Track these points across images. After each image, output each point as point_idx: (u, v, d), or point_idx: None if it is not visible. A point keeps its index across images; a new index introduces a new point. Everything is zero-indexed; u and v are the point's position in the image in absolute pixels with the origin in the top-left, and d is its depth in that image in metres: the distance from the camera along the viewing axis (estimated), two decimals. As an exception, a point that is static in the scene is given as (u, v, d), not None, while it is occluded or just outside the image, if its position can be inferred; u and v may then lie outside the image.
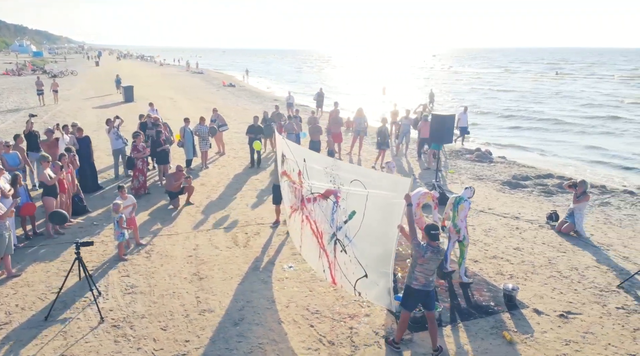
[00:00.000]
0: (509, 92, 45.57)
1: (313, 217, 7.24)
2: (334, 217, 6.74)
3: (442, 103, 36.45)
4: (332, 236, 6.77)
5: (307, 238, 7.52)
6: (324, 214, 6.94)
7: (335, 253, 6.72)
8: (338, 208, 6.62)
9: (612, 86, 53.04)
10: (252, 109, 30.09)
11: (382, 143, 14.89)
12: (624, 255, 8.98)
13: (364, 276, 6.27)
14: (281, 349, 6.05)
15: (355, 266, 6.37)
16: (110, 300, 7.16)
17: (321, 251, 7.09)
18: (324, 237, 6.97)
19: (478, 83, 56.85)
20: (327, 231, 6.89)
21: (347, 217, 6.45)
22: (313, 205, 7.21)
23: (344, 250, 6.55)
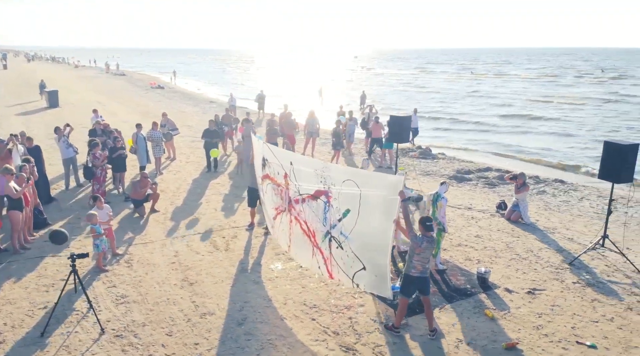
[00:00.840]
0: (430, 93, 47.61)
1: (303, 217, 7.59)
2: (326, 216, 7.13)
3: (371, 103, 37.74)
4: (326, 234, 7.16)
5: (297, 238, 7.84)
6: (315, 214, 7.32)
7: (331, 250, 7.13)
8: (330, 208, 7.02)
9: (522, 84, 57.52)
10: (190, 112, 29.62)
11: (337, 144, 15.46)
12: (568, 237, 10.17)
13: (362, 268, 6.73)
14: (291, 343, 6.37)
15: (353, 260, 6.81)
16: (104, 311, 7.08)
17: (314, 249, 7.45)
18: (317, 235, 7.35)
19: (399, 84, 59.17)
20: (319, 230, 7.27)
21: (341, 215, 6.87)
22: (302, 206, 7.55)
23: (340, 246, 6.97)
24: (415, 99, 40.91)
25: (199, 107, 32.33)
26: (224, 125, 17.39)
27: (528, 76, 69.70)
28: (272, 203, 8.52)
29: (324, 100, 39.16)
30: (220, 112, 29.28)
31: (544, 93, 43.95)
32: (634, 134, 24.27)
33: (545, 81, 60.62)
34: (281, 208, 8.22)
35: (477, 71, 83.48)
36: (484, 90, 47.60)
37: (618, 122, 27.90)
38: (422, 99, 40.65)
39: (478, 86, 51.43)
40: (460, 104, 37.43)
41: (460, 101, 39.75)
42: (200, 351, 6.19)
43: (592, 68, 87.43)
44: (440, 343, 6.38)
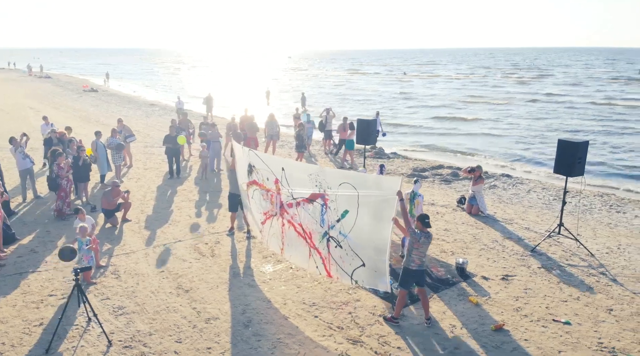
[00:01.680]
0: (365, 95, 47.93)
1: (297, 220, 7.91)
2: (324, 218, 7.51)
3: (312, 105, 38.09)
4: (324, 234, 7.54)
5: (291, 240, 8.14)
6: (311, 217, 7.67)
7: (329, 249, 7.51)
8: (328, 210, 7.41)
9: (453, 85, 60.44)
10: (133, 116, 28.73)
11: (300, 146, 15.81)
12: (524, 226, 11.16)
13: (362, 265, 7.17)
14: (300, 340, 6.69)
15: (352, 258, 7.24)
16: (105, 323, 7.03)
17: (311, 250, 7.80)
18: (314, 237, 7.70)
19: (335, 85, 59.91)
20: (317, 231, 7.63)
21: (339, 216, 7.28)
22: (297, 209, 7.88)
23: (339, 245, 7.37)
24: (351, 101, 41.69)
25: (142, 111, 31.44)
26: (182, 130, 17.19)
27: (457, 76, 73.05)
28: (261, 208, 8.76)
29: (271, 102, 39.26)
30: (165, 116, 28.96)
31: (474, 93, 46.38)
32: (567, 132, 26.18)
33: (473, 81, 63.88)
34: (271, 213, 8.48)
35: (409, 71, 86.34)
36: (415, 92, 48.81)
37: (551, 120, 30.06)
38: (359, 102, 41.56)
39: (410, 88, 52.94)
40: (393, 106, 38.56)
41: (393, 102, 40.98)
42: (214, 355, 6.36)
43: (514, 68, 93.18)
44: (436, 330, 6.95)
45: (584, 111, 33.34)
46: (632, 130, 26.35)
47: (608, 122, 28.75)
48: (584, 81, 58.20)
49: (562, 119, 30.44)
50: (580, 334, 6.86)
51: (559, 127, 27.09)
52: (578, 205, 12.59)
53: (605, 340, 6.72)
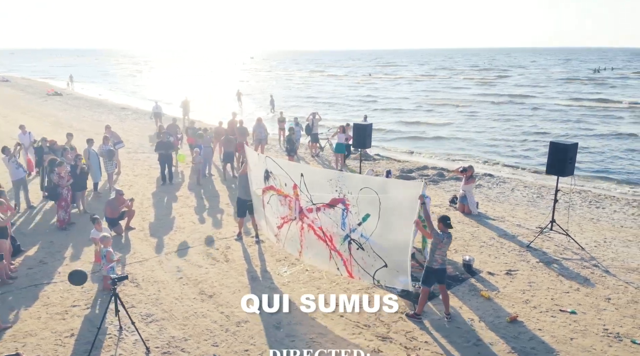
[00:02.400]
0: (334, 97, 47.80)
1: (318, 224, 8.22)
2: (345, 221, 7.86)
3: (281, 107, 38.03)
4: (345, 237, 7.88)
5: (311, 243, 8.42)
6: (332, 221, 8.00)
7: (351, 252, 7.86)
8: (349, 214, 7.76)
9: (416, 86, 61.85)
10: (107, 121, 28.07)
11: (290, 150, 16.08)
12: (515, 223, 11.84)
13: (384, 266, 7.55)
14: (332, 339, 7.01)
15: (375, 259, 7.61)
16: (136, 331, 7.14)
17: (332, 252, 8.12)
18: (335, 239, 8.04)
19: (301, 87, 59.83)
20: (338, 234, 7.97)
21: (360, 220, 7.64)
22: (317, 214, 8.19)
23: (360, 247, 7.73)
24: (321, 104, 41.70)
25: (114, 115, 30.84)
26: (169, 135, 17.12)
27: (421, 77, 74.43)
28: (278, 212, 9.01)
29: (243, 104, 39.15)
30: (140, 120, 28.56)
31: (441, 96, 47.54)
32: (537, 134, 27.24)
33: (438, 82, 65.41)
34: (290, 217, 8.75)
35: (374, 72, 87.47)
36: (383, 94, 48.67)
37: (518, 121, 31.23)
38: (329, 104, 41.75)
39: (377, 90, 53.17)
40: (363, 108, 38.91)
41: (362, 105, 41.43)
42: (254, 355, 6.61)
43: (476, 68, 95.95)
44: (457, 324, 7.41)
45: (548, 113, 34.82)
46: (592, 131, 27.77)
47: (573, 123, 30.18)
48: (543, 82, 60.58)
49: (529, 119, 31.73)
50: (586, 322, 7.46)
51: (528, 130, 28.16)
52: (568, 203, 13.36)
53: (609, 326, 7.35)
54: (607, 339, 7.02)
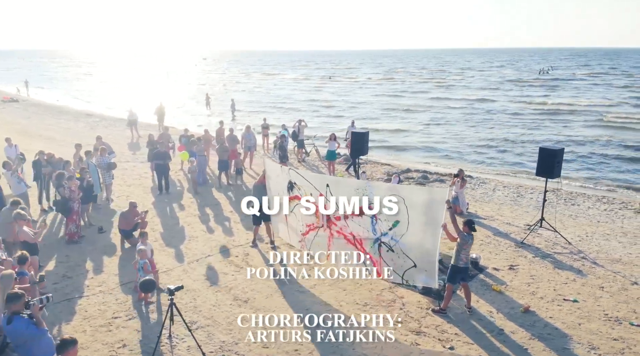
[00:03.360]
0: (293, 102, 47.58)
1: (348, 230, 8.84)
2: (374, 227, 8.52)
3: (245, 113, 38.01)
4: (376, 240, 8.54)
5: (340, 247, 8.97)
6: (361, 227, 8.64)
7: (381, 254, 8.52)
8: (378, 221, 8.44)
9: (380, 90, 63.33)
10: (78, 129, 27.59)
11: (283, 157, 16.57)
12: (505, 222, 12.86)
13: (413, 266, 8.26)
14: (377, 331, 7.62)
15: (404, 260, 8.30)
16: (186, 338, 7.50)
17: (362, 254, 8.75)
18: (365, 243, 8.67)
19: (258, 89, 59.70)
20: (368, 238, 8.61)
21: (391, 225, 8.32)
22: (346, 221, 8.82)
23: (390, 250, 8.41)
24: (285, 109, 41.73)
25: (84, 123, 30.17)
26: (159, 145, 17.23)
27: (379, 80, 75.33)
28: (302, 220, 9.53)
29: (212, 108, 39.00)
30: (112, 128, 28.08)
31: (404, 101, 48.42)
32: (501, 139, 28.81)
33: (396, 85, 66.68)
34: (317, 225, 9.30)
35: (334, 75, 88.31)
36: (348, 100, 48.61)
37: (488, 124, 32.79)
38: (292, 110, 41.83)
39: (342, 95, 53.19)
40: (327, 115, 39.13)
41: (328, 110, 41.65)
42: (304, 354, 7.13)
43: (428, 70, 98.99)
44: (478, 316, 8.21)
45: (509, 117, 36.64)
46: (547, 133, 29.69)
47: (532, 125, 32.04)
48: (495, 84, 63.36)
49: (494, 123, 33.36)
50: (588, 309, 8.44)
51: (496, 134, 29.70)
52: (558, 202, 14.52)
53: (608, 311, 8.35)
54: (609, 323, 8.01)
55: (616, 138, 26.51)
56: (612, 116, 34.42)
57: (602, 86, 57.44)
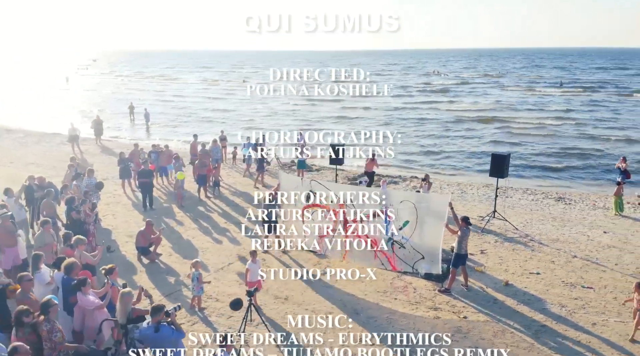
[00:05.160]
0: (223, 111, 46.41)
1: (364, 232, 10.63)
2: (388, 228, 10.41)
3: (160, 123, 37.61)
4: (389, 239, 10.43)
5: (357, 248, 10.72)
6: (376, 228, 10.47)
7: (394, 250, 10.43)
8: (390, 222, 10.34)
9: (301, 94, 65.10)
10: (2, 146, 26.18)
11: (259, 167, 17.91)
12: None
13: (422, 258, 10.27)
14: (402, 314, 9.48)
15: (414, 254, 10.29)
16: (262, 333, 8.78)
17: (377, 252, 10.59)
18: (379, 242, 10.52)
19: (167, 96, 58.43)
20: (382, 237, 10.47)
21: (401, 225, 10.27)
22: (362, 223, 10.61)
23: (402, 247, 10.35)
24: (211, 120, 40.58)
25: (11, 140, 28.47)
26: (130, 161, 17.68)
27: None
28: (321, 225, 11.15)
29: (136, 118, 38.06)
30: (49, 145, 26.94)
31: (327, 108, 50.02)
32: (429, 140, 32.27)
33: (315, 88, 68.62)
34: (334, 228, 10.98)
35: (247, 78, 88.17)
36: (271, 106, 48.39)
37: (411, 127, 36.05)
38: (192, 115, 41.79)
39: (262, 102, 51.63)
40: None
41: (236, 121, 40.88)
42: (357, 332, 8.82)
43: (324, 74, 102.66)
44: (475, 291, 10.43)
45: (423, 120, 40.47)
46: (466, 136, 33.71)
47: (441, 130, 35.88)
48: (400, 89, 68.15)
49: (418, 127, 36.74)
50: (550, 278, 11.04)
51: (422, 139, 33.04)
52: (504, 197, 17.34)
53: (564, 279, 11.01)
54: (567, 287, 10.64)
55: (516, 138, 31.03)
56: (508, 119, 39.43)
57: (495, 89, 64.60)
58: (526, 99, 51.20)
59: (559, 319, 9.40)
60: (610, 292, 10.40)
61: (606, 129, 33.52)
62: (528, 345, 8.59)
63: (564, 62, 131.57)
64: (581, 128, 33.61)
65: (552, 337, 8.82)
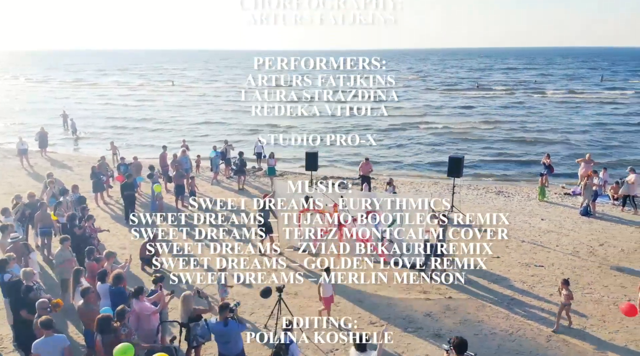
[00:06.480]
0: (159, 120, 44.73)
1: (356, 230, 12.16)
2: (377, 227, 12.03)
3: (90, 133, 36.87)
4: (379, 237, 12.05)
5: (351, 244, 12.23)
6: (367, 227, 12.06)
7: (383, 245, 12.07)
8: (380, 222, 11.98)
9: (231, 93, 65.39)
10: None
11: (238, 171, 18.98)
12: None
13: (407, 250, 12.00)
14: (400, 299, 11.12)
15: (401, 247, 11.99)
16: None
17: (369, 248, 12.16)
18: (371, 239, 12.11)
19: (70, 98, 57.21)
20: (373, 235, 12.07)
21: (389, 225, 11.94)
22: (355, 223, 12.14)
23: (391, 242, 12.02)
24: (145, 129, 39.86)
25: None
26: (102, 175, 17.93)
27: (215, 89, 75.11)
28: (317, 226, 12.53)
29: (70, 126, 36.18)
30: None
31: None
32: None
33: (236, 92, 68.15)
34: (329, 228, 12.40)
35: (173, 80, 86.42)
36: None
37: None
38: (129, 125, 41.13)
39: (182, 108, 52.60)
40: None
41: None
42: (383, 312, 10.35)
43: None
44: (459, 277, 12.31)
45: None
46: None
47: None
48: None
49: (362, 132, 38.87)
50: (508, 261, 13.23)
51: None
52: (459, 194, 19.45)
53: (519, 260, 13.24)
54: (523, 267, 12.86)
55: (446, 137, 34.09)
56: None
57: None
58: (448, 102, 54.97)
59: (523, 293, 11.52)
60: (558, 268, 12.76)
61: (527, 131, 36.74)
62: (504, 315, 10.58)
63: (477, 63, 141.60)
64: (505, 128, 37.09)
65: (522, 307, 10.88)
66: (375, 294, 11.42)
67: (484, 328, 10.01)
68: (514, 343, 9.57)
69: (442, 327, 10.06)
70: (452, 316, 10.51)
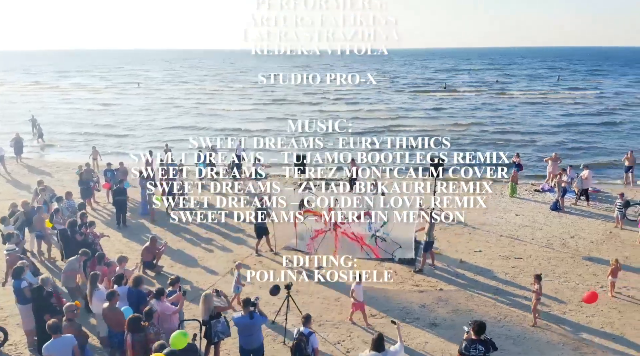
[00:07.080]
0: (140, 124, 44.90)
1: (350, 230, 12.89)
2: (371, 226, 12.81)
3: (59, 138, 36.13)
4: (372, 235, 12.82)
5: (345, 244, 12.94)
6: (361, 227, 12.81)
7: (377, 243, 12.83)
8: (372, 222, 12.76)
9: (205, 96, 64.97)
10: None
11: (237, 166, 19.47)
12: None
13: (399, 247, 12.80)
14: (395, 291, 11.89)
15: (393, 245, 12.78)
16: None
17: (363, 246, 12.90)
18: (364, 238, 12.86)
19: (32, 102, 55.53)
20: (366, 234, 12.83)
21: (382, 224, 12.72)
22: (349, 224, 12.87)
23: (383, 240, 12.80)
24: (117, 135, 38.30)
25: None
26: (90, 181, 18.02)
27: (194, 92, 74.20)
28: (312, 227, 13.18)
29: (41, 131, 34.96)
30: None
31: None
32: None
33: (207, 93, 67.67)
34: (324, 229, 13.09)
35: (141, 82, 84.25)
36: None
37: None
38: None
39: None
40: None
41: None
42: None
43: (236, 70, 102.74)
44: (440, 269, 13.19)
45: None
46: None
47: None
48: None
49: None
50: (489, 254, 14.22)
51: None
52: (437, 190, 20.41)
53: (500, 253, 14.25)
54: (504, 259, 13.88)
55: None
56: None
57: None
58: (419, 103, 56.20)
59: (507, 283, 12.51)
60: (535, 260, 13.84)
61: (496, 132, 38.17)
62: (492, 303, 11.51)
63: (439, 64, 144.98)
64: (475, 131, 38.52)
65: (507, 296, 11.85)
66: (371, 288, 12.11)
67: (474, 316, 10.81)
68: (503, 328, 10.49)
69: (437, 316, 10.90)
70: (445, 306, 11.37)
